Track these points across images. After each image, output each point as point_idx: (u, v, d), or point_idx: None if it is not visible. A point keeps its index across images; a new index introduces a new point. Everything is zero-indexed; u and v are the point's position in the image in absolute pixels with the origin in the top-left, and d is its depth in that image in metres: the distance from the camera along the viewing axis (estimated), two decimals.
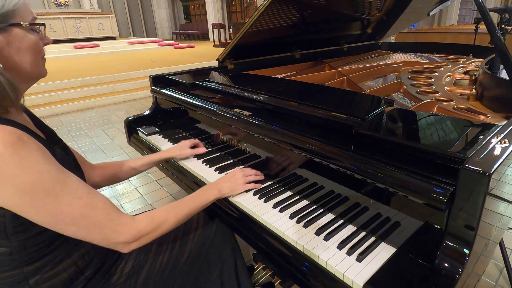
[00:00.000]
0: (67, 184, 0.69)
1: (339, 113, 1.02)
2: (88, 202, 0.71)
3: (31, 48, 0.72)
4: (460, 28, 7.05)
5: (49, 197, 0.65)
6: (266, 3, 1.48)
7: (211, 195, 1.00)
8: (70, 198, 0.68)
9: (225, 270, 1.05)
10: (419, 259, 0.76)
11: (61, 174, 0.69)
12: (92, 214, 0.71)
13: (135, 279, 0.89)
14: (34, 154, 0.64)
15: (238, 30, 2.17)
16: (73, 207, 0.68)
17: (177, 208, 0.89)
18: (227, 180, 1.07)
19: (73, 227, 0.70)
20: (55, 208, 0.66)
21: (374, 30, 2.57)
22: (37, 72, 0.75)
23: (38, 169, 0.64)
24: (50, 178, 0.66)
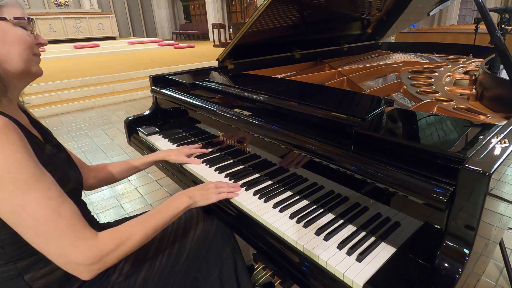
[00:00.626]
0: (41, 181, 0.65)
1: (339, 113, 1.02)
2: (55, 206, 0.66)
3: (17, 41, 0.71)
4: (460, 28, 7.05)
5: (17, 190, 0.62)
6: (266, 3, 1.48)
7: (181, 203, 0.93)
8: (38, 196, 0.64)
9: (225, 270, 1.05)
10: (419, 259, 0.76)
11: (37, 170, 0.66)
12: (56, 220, 0.65)
13: (134, 278, 0.89)
14: (16, 143, 0.63)
15: (238, 30, 2.17)
16: (38, 207, 0.64)
17: (144, 221, 0.82)
18: (198, 188, 1.03)
19: (32, 231, 0.64)
20: (19, 205, 0.62)
21: (374, 30, 2.57)
22: (25, 66, 0.74)
23: (15, 159, 0.62)
24: (25, 171, 0.63)
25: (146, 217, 0.84)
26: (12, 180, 0.61)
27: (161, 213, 0.87)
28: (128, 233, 0.76)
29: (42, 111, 4.78)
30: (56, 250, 0.66)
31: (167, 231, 1.02)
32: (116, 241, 0.73)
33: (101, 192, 2.58)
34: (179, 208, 0.92)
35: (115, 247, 0.72)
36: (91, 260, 0.67)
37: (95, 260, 0.68)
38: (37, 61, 0.79)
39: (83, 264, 0.67)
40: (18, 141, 0.64)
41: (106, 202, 2.43)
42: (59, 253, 0.66)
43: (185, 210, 0.95)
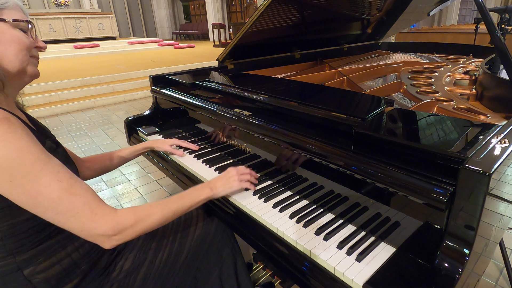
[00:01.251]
0: (48, 164, 0.68)
1: (339, 113, 1.02)
2: (67, 187, 0.69)
3: (13, 41, 0.73)
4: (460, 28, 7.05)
5: (28, 175, 0.64)
6: (266, 3, 1.48)
7: (202, 193, 0.95)
8: (49, 180, 0.67)
9: (225, 269, 1.06)
10: (419, 259, 0.75)
11: (43, 154, 0.68)
12: (70, 200, 0.68)
13: (135, 276, 0.90)
14: (19, 132, 0.65)
15: (238, 30, 2.17)
16: (51, 189, 0.66)
17: (164, 204, 0.85)
18: (220, 178, 1.04)
19: (51, 211, 0.68)
20: (33, 189, 0.65)
21: (374, 30, 2.57)
22: (20, 66, 0.75)
23: (20, 146, 0.64)
24: (31, 156, 0.65)
25: (167, 200, 0.87)
26: (20, 167, 0.63)
27: (182, 199, 0.90)
28: (147, 212, 0.80)
29: (42, 111, 4.78)
30: (77, 226, 0.70)
31: (168, 230, 1.03)
32: (134, 217, 0.77)
33: (101, 192, 2.58)
34: (200, 197, 0.95)
35: (133, 222, 0.76)
36: (110, 232, 0.72)
37: (115, 232, 0.73)
38: (34, 63, 0.80)
39: (104, 235, 0.72)
40: (21, 130, 0.66)
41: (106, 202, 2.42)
42: (80, 228, 0.70)
43: (206, 200, 0.97)
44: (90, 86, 5.69)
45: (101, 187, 2.67)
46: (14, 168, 0.63)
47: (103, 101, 5.41)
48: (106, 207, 0.74)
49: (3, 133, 0.63)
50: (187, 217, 1.08)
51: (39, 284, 0.76)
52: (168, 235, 1.02)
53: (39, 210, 0.68)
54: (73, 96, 5.36)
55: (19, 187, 0.64)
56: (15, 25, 0.74)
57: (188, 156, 1.41)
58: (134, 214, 0.77)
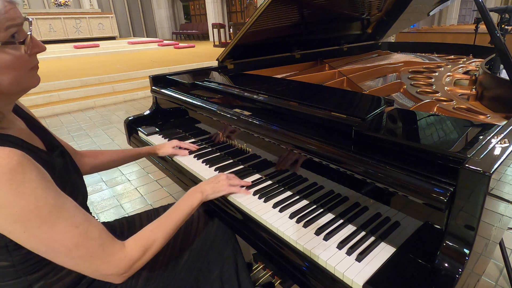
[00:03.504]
0: (64, 211, 0.66)
1: (339, 113, 1.02)
2: (83, 231, 0.67)
3: (7, 67, 0.64)
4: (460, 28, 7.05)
5: (44, 225, 0.62)
6: (266, 3, 1.48)
7: (195, 199, 0.96)
8: (65, 226, 0.65)
9: (226, 270, 1.06)
10: (419, 259, 0.75)
11: (59, 200, 0.66)
12: (86, 245, 0.67)
13: (136, 279, 0.90)
14: (34, 179, 0.62)
15: (238, 30, 2.17)
16: (67, 236, 0.65)
17: (163, 224, 0.85)
18: (209, 182, 1.05)
19: (65, 257, 0.66)
20: (48, 238, 0.63)
21: (374, 30, 2.57)
22: (18, 87, 0.68)
23: (36, 196, 0.61)
24: (47, 205, 0.63)
25: (164, 219, 0.86)
26: (37, 217, 0.61)
27: (177, 212, 0.90)
28: (151, 240, 0.80)
29: (42, 111, 4.78)
30: (89, 268, 0.70)
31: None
32: (142, 249, 0.77)
33: (101, 192, 2.58)
34: (194, 205, 0.95)
35: (141, 254, 0.76)
36: (122, 270, 0.73)
37: (126, 269, 0.73)
38: (33, 74, 0.72)
39: (115, 275, 0.72)
40: (35, 176, 0.62)
41: (106, 202, 2.43)
42: (93, 270, 0.70)
43: (199, 205, 0.97)
44: (90, 86, 5.69)
45: (101, 187, 2.67)
46: (30, 219, 0.61)
47: (103, 101, 5.41)
48: (116, 245, 0.73)
49: (18, 185, 0.59)
50: (188, 219, 1.08)
51: None
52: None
53: (52, 255, 0.66)
54: (73, 96, 5.36)
55: (34, 237, 0.63)
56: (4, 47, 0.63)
57: (188, 156, 1.41)
58: (141, 246, 0.77)
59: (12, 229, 0.61)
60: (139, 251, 0.76)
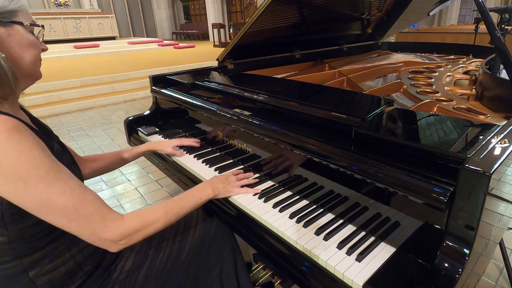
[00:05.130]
0: (61, 173, 0.69)
1: (339, 113, 1.02)
2: (79, 194, 0.71)
3: (30, 45, 0.75)
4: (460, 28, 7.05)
5: (42, 183, 0.65)
6: (266, 3, 1.48)
7: (204, 194, 0.98)
8: (62, 188, 0.68)
9: (225, 269, 1.06)
10: (419, 259, 0.75)
11: (55, 164, 0.69)
12: (84, 207, 0.71)
13: (135, 276, 0.90)
14: (30, 141, 0.66)
15: (238, 30, 2.17)
16: (65, 198, 0.68)
17: (168, 208, 0.87)
18: (221, 181, 1.07)
19: (64, 218, 0.69)
20: (47, 197, 0.66)
21: (374, 30, 2.57)
22: (33, 70, 0.78)
23: (33, 155, 0.65)
24: (45, 166, 0.66)
25: (170, 203, 0.89)
26: (34, 176, 0.64)
27: (184, 201, 0.92)
28: (152, 218, 0.82)
29: (42, 111, 4.78)
30: (88, 231, 0.72)
31: (168, 230, 1.03)
32: (140, 224, 0.79)
33: (101, 192, 2.58)
34: (202, 199, 0.97)
35: (139, 228, 0.79)
36: (119, 237, 0.75)
37: (122, 237, 0.76)
38: (39, 66, 0.82)
39: (111, 241, 0.74)
40: (31, 139, 0.66)
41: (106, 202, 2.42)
42: (91, 233, 0.72)
43: (207, 201, 0.99)
44: (90, 86, 5.69)
45: (101, 187, 2.67)
46: (28, 178, 0.64)
47: (103, 101, 5.41)
48: (114, 213, 0.76)
49: (16, 144, 0.63)
50: (188, 217, 1.08)
51: (43, 285, 0.76)
52: (168, 235, 1.02)
53: (52, 217, 0.69)
54: (73, 96, 5.36)
55: (32, 196, 0.65)
56: (30, 29, 0.76)
57: (188, 156, 1.41)
58: (140, 220, 0.79)
59: (12, 188, 0.64)
60: (138, 224, 0.78)
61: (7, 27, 0.71)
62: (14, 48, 0.72)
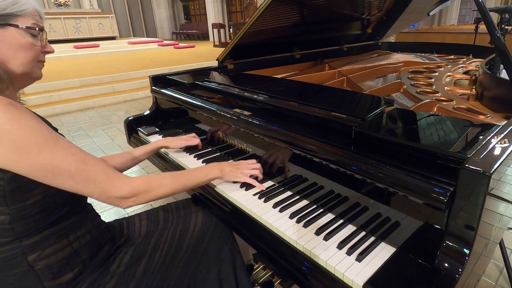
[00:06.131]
0: (59, 141, 0.73)
1: (339, 113, 1.02)
2: (81, 158, 0.74)
3: (23, 48, 0.76)
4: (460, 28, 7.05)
5: (43, 151, 0.69)
6: (266, 3, 1.48)
7: (211, 172, 1.02)
8: (64, 153, 0.72)
9: (224, 269, 1.06)
10: (419, 259, 0.76)
11: (53, 133, 0.73)
12: (87, 169, 0.74)
13: (134, 270, 0.90)
14: (26, 114, 0.69)
15: (238, 30, 2.17)
16: (68, 162, 0.72)
17: (175, 176, 0.91)
18: (231, 165, 1.10)
19: (71, 181, 0.73)
20: (50, 163, 0.70)
21: (374, 30, 2.57)
22: (25, 70, 0.78)
23: (31, 125, 0.68)
24: (43, 135, 0.70)
25: (177, 174, 0.93)
26: (35, 144, 0.68)
27: (191, 175, 0.97)
28: (159, 182, 0.87)
29: (42, 111, 4.77)
30: (96, 191, 0.77)
31: (167, 226, 1.04)
32: (147, 185, 0.84)
33: None
34: (208, 176, 1.02)
35: (146, 189, 0.83)
36: (127, 194, 0.80)
37: (131, 195, 0.80)
38: (40, 67, 0.83)
39: (121, 197, 0.79)
40: (28, 112, 0.70)
41: None
42: (100, 192, 0.77)
43: (213, 179, 1.04)
44: (90, 86, 5.69)
45: None
46: (29, 146, 0.67)
47: (103, 101, 5.41)
48: (120, 174, 0.81)
49: (12, 115, 0.66)
50: (186, 214, 1.09)
51: (41, 270, 0.77)
52: (167, 231, 1.02)
53: (59, 181, 0.72)
54: (73, 96, 5.35)
55: (36, 163, 0.68)
56: (27, 31, 0.77)
57: (188, 156, 1.41)
58: (148, 182, 0.84)
59: (16, 158, 0.67)
60: (145, 185, 0.83)
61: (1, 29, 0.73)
62: (4, 50, 0.74)
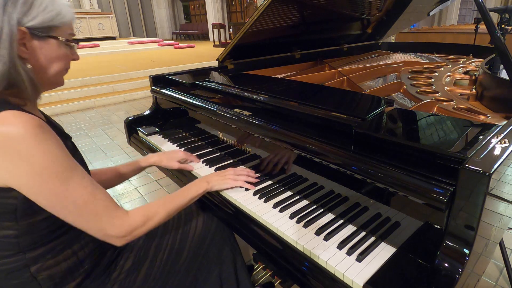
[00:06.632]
0: (76, 171, 0.73)
1: (339, 113, 1.02)
2: (91, 191, 0.74)
3: (59, 58, 0.78)
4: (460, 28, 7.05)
5: (58, 180, 0.69)
6: (266, 3, 1.48)
7: (200, 187, 1.02)
8: (76, 185, 0.72)
9: (224, 269, 1.06)
10: (419, 259, 0.76)
11: (72, 162, 0.73)
12: (94, 203, 0.74)
13: (135, 275, 0.90)
14: (52, 139, 0.70)
15: (238, 30, 2.17)
16: (78, 194, 0.72)
17: (167, 203, 0.91)
18: (216, 174, 1.11)
19: (74, 214, 0.73)
20: (61, 193, 0.70)
21: (374, 30, 2.57)
22: (56, 80, 0.81)
23: (54, 153, 0.69)
24: (63, 163, 0.70)
25: (169, 198, 0.93)
26: (52, 173, 0.68)
27: (182, 196, 0.96)
28: (153, 212, 0.86)
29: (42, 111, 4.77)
30: (95, 227, 0.76)
31: (168, 230, 1.03)
32: (143, 218, 0.83)
33: None
34: (198, 192, 1.01)
35: (142, 223, 0.83)
36: (124, 233, 0.79)
37: (127, 233, 0.80)
38: (64, 74, 0.85)
39: (117, 237, 0.78)
40: (53, 138, 0.70)
41: None
42: (98, 229, 0.76)
43: (204, 193, 1.04)
44: (90, 86, 5.69)
45: None
46: (47, 173, 0.67)
47: (103, 101, 5.41)
48: (120, 210, 0.80)
49: (40, 140, 0.66)
50: (187, 217, 1.08)
51: (44, 281, 0.77)
52: (168, 235, 1.02)
53: (62, 213, 0.72)
54: (73, 96, 5.35)
55: (48, 191, 0.69)
56: (65, 43, 0.78)
57: None
58: (144, 215, 0.84)
59: (30, 182, 0.67)
60: (141, 219, 0.82)
61: (41, 41, 0.73)
62: (41, 60, 0.75)
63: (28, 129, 0.65)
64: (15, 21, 0.68)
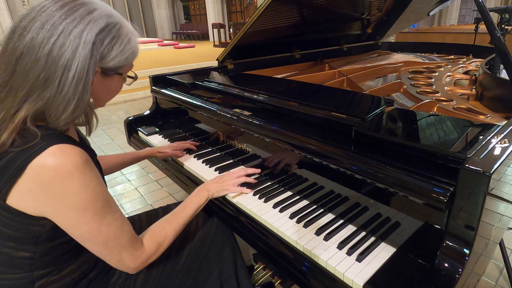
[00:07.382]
0: (111, 205, 0.74)
1: (339, 113, 1.02)
2: (121, 225, 0.75)
3: (115, 91, 0.82)
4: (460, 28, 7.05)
5: (97, 215, 0.70)
6: (266, 3, 1.48)
7: (201, 197, 1.02)
8: (111, 219, 0.73)
9: (225, 270, 1.05)
10: (419, 259, 0.76)
11: (108, 196, 0.74)
12: (122, 236, 0.75)
13: (135, 278, 0.90)
14: (96, 176, 0.71)
15: (238, 30, 2.17)
16: (111, 227, 0.73)
17: (173, 222, 0.92)
18: (215, 181, 1.10)
19: (101, 245, 0.73)
20: (96, 227, 0.71)
21: (374, 30, 2.57)
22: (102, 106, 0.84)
23: (97, 190, 0.70)
24: (102, 200, 0.71)
25: (173, 217, 0.93)
26: (93, 209, 0.69)
27: (186, 210, 0.97)
28: (164, 236, 0.87)
29: None
30: (116, 258, 0.77)
31: None
32: (156, 245, 0.85)
33: None
34: (201, 202, 1.01)
35: (156, 250, 0.84)
36: (140, 264, 0.81)
37: (143, 263, 0.82)
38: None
39: (133, 268, 0.80)
40: (96, 174, 0.71)
41: None
42: (118, 260, 0.77)
43: (206, 202, 1.04)
44: None
45: None
46: (88, 209, 0.68)
47: None
48: (139, 241, 0.81)
49: (86, 178, 0.67)
50: None
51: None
52: None
53: (89, 243, 0.73)
54: None
55: (85, 225, 0.70)
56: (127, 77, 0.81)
57: (188, 156, 1.41)
58: (156, 242, 0.85)
59: (70, 216, 0.68)
60: (155, 247, 0.84)
61: (107, 77, 0.75)
62: (102, 93, 0.77)
63: (77, 167, 0.66)
64: (96, 63, 0.69)
